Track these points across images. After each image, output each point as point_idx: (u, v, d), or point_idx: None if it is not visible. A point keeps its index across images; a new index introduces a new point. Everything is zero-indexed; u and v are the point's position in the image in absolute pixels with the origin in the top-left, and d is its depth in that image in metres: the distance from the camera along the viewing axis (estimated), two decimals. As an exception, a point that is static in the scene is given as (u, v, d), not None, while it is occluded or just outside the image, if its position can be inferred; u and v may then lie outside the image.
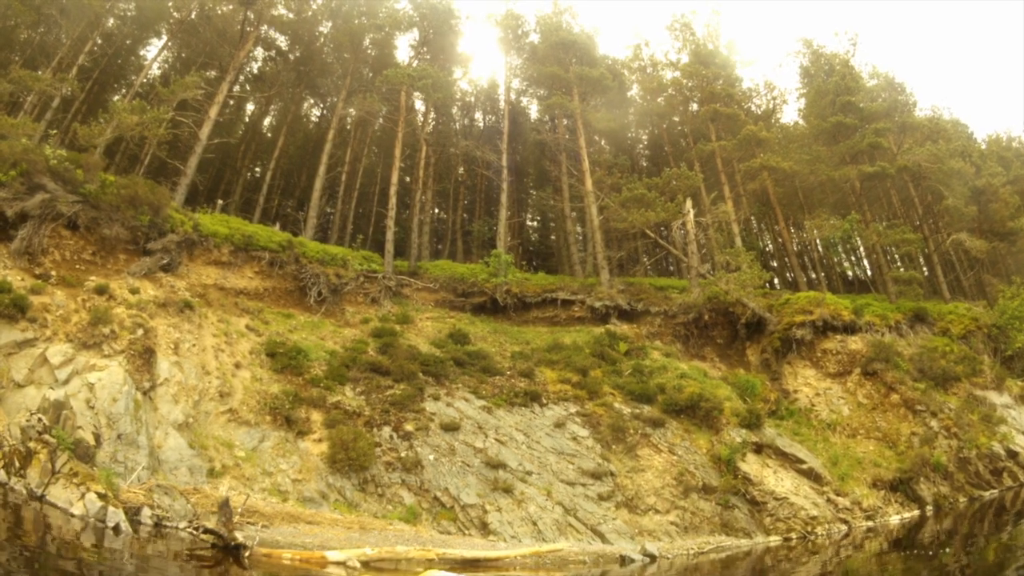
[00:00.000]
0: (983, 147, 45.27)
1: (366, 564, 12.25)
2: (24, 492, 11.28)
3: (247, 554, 11.05)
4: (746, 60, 48.43)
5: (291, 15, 38.21)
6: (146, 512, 12.15)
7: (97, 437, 13.27)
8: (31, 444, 11.70)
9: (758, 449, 21.72)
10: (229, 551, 11.10)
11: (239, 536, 11.30)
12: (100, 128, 22.59)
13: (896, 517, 20.75)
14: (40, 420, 12.01)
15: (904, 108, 42.85)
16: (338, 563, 11.76)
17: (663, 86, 43.90)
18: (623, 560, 15.93)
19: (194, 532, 11.59)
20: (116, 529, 10.90)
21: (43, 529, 10.56)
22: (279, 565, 11.14)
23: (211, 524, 11.54)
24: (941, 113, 46.10)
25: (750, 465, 20.92)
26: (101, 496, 11.20)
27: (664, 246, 36.69)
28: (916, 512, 21.13)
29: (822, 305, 28.87)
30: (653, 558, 16.27)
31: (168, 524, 12.20)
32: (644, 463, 20.78)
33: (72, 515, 11.01)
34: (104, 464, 13.33)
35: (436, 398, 21.90)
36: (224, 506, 11.43)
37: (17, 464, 11.52)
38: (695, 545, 17.98)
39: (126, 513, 11.73)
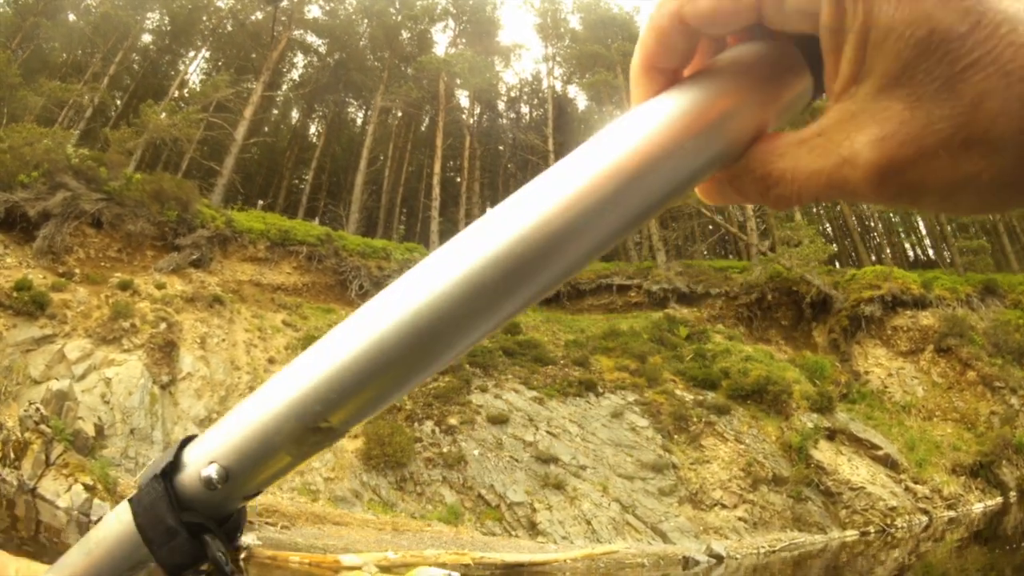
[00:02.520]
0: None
1: (387, 570, 10.85)
2: (15, 484, 10.47)
3: (243, 555, 9.80)
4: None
5: (324, 17, 37.94)
6: (149, 510, 11.11)
7: (99, 429, 12.42)
8: (27, 435, 10.88)
9: (831, 435, 19.89)
10: (226, 551, 9.88)
11: (238, 536, 10.06)
12: (131, 132, 22.28)
13: (979, 505, 19.31)
14: (37, 409, 11.21)
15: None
16: (353, 568, 10.40)
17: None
18: (687, 562, 14.17)
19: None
20: (100, 525, 9.85)
21: (34, 523, 9.67)
22: (283, 569, 9.85)
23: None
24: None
25: (823, 453, 19.11)
26: (88, 488, 10.23)
27: (720, 224, 34.58)
28: (999, 499, 19.74)
29: (890, 279, 26.81)
30: (720, 559, 14.46)
31: (174, 523, 11.14)
32: (709, 454, 18.92)
33: (58, 508, 10.10)
34: (113, 458, 12.48)
35: (484, 390, 20.68)
36: (220, 501, 10.21)
37: (13, 455, 10.73)
38: (765, 543, 16.24)
39: (124, 510, 10.73)
